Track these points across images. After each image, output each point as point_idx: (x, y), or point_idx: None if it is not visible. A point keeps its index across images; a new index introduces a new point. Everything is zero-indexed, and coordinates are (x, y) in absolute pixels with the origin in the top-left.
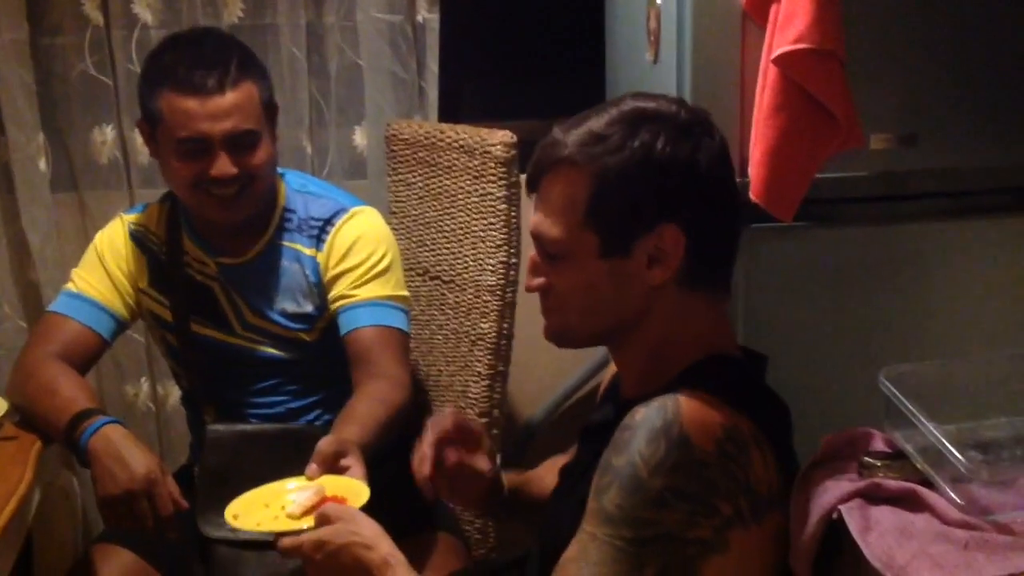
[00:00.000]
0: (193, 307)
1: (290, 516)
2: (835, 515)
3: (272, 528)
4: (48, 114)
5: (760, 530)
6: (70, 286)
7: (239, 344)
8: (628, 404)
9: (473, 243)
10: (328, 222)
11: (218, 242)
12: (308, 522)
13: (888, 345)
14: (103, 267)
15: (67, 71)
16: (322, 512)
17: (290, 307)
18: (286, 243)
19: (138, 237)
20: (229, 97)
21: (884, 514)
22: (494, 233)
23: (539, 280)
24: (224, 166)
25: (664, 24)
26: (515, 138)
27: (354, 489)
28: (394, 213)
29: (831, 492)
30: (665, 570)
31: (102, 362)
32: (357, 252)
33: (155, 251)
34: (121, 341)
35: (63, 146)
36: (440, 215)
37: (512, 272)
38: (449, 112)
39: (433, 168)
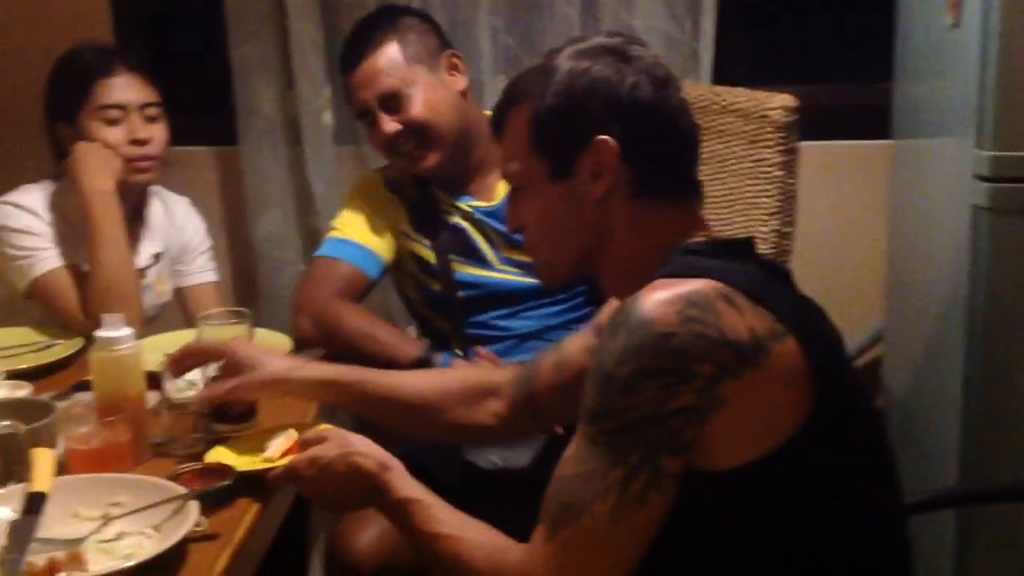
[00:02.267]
0: (451, 247)
1: (268, 460)
2: None
3: (260, 467)
4: (334, 69)
5: (758, 374)
6: (335, 233)
7: (497, 277)
8: None
9: (744, 209)
10: None
11: (462, 190)
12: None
13: None
14: (364, 214)
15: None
16: (306, 438)
17: None
18: None
19: (394, 186)
20: (371, 63)
21: None
22: (767, 200)
23: (515, 220)
24: (386, 125)
25: None
26: (796, 102)
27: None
28: None
29: None
30: (650, 452)
31: (372, 309)
32: None
33: (412, 198)
34: (389, 287)
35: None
36: (709, 179)
37: (785, 241)
38: (720, 75)
39: (704, 131)
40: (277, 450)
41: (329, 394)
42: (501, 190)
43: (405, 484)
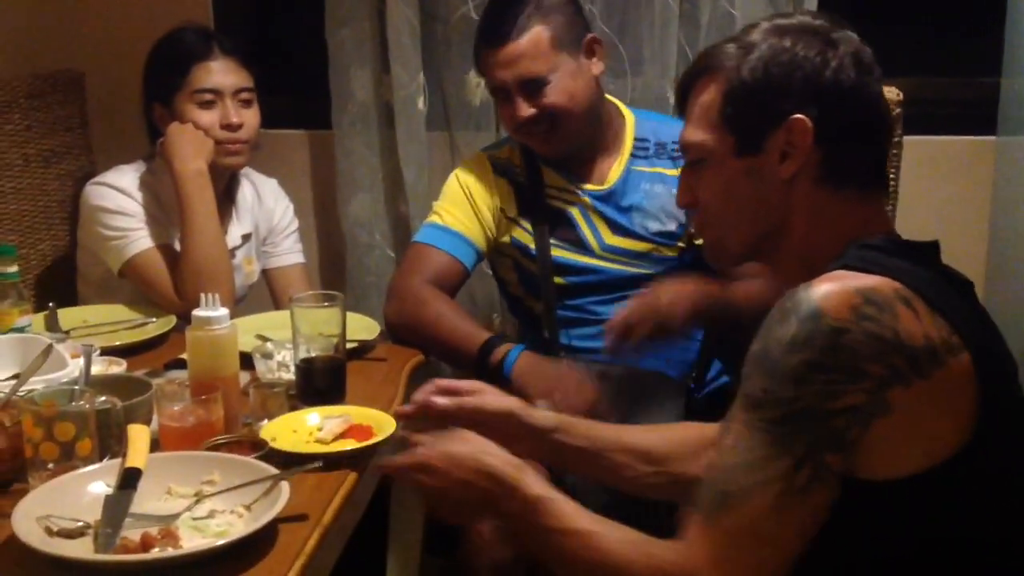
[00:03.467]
0: (553, 232)
1: (320, 441)
2: None
3: (312, 450)
4: (429, 55)
5: (926, 385)
6: (436, 219)
7: (598, 264)
8: None
9: None
10: None
11: (576, 171)
12: (342, 446)
13: None
14: (469, 201)
15: (449, 14)
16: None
17: (654, 226)
18: (645, 168)
19: (503, 169)
20: (517, 45)
21: None
22: None
23: (688, 195)
24: (520, 109)
25: None
26: (900, 95)
27: (379, 420)
28: None
29: None
30: (813, 446)
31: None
32: None
33: (520, 182)
34: (476, 276)
35: (439, 87)
36: None
37: None
38: None
39: None
40: (330, 433)
41: (550, 441)
42: (613, 174)
43: (537, 482)
